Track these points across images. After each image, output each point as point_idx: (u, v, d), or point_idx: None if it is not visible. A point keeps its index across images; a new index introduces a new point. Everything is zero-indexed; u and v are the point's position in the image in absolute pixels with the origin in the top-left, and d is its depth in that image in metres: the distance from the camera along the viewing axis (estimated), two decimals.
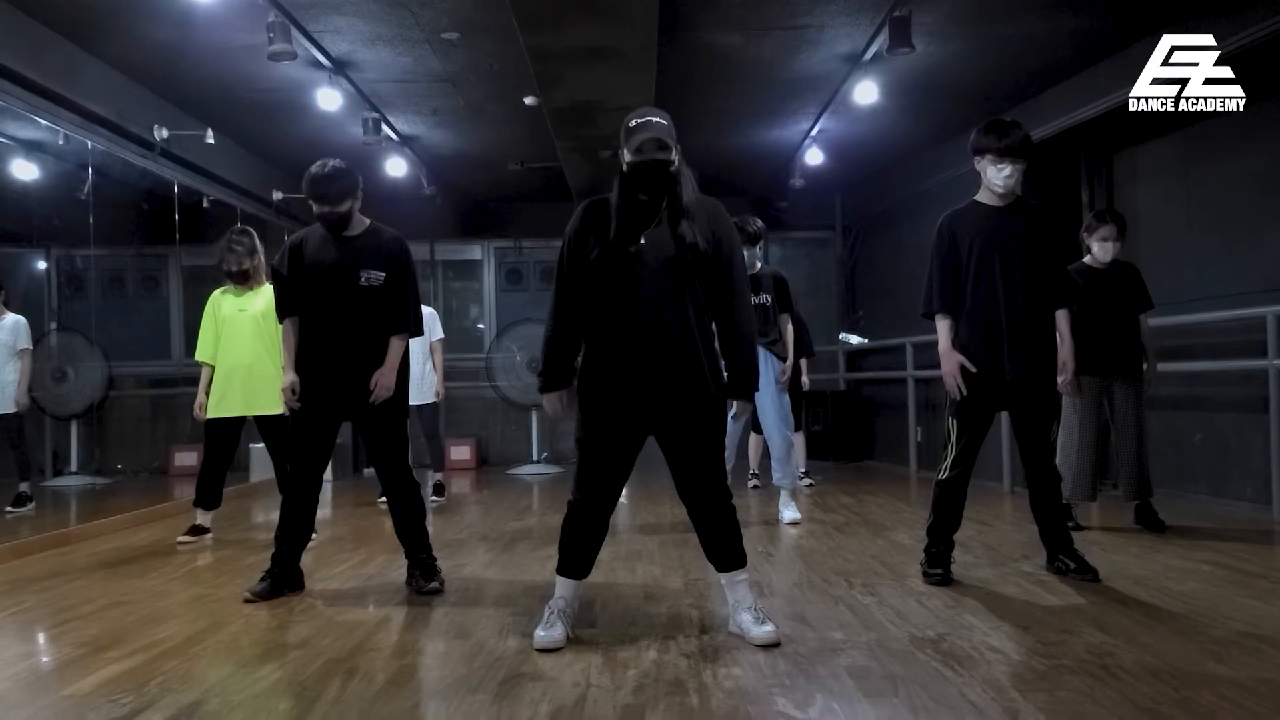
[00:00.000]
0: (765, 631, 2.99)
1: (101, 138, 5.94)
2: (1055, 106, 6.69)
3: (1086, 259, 5.07)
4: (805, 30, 5.64)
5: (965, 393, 3.73)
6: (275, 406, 4.87)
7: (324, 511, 6.35)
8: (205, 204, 7.95)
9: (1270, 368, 5.23)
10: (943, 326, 3.81)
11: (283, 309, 3.90)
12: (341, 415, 3.88)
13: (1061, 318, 3.84)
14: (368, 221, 3.87)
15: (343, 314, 3.77)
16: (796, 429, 6.32)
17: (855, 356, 10.13)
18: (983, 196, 3.82)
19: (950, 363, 3.75)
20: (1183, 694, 2.46)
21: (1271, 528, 5.11)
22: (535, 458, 9.58)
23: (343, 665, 2.87)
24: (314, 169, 3.77)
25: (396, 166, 8.02)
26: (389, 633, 3.29)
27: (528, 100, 6.65)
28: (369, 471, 8.70)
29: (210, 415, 5.14)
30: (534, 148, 8.04)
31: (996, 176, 3.73)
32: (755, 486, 7.11)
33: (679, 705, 2.45)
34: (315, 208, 3.78)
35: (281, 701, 2.60)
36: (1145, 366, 5.02)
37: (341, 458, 8.87)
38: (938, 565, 3.85)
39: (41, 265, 9.13)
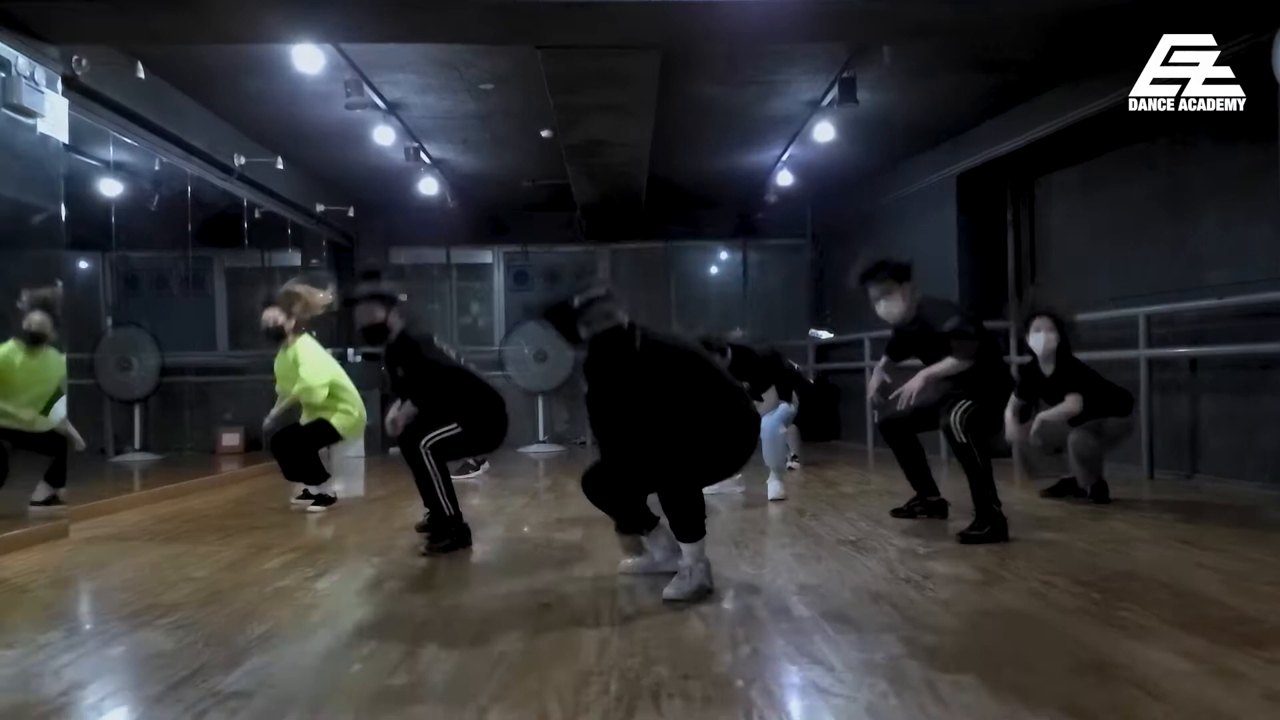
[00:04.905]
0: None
1: (195, 164, 7.21)
2: (984, 140, 8.03)
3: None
4: (773, 83, 6.96)
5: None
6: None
7: (356, 483, 7.63)
8: (257, 215, 9.17)
9: (1140, 357, 6.57)
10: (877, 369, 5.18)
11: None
12: None
13: (935, 367, 4.62)
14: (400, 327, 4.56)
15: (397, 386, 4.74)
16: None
17: (823, 349, 11.46)
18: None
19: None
20: (1000, 557, 3.83)
21: (1143, 482, 6.45)
22: (540, 438, 10.90)
23: (441, 556, 4.20)
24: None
25: (429, 186, 9.26)
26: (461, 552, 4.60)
27: (544, 133, 7.93)
28: (395, 451, 9.92)
29: None
30: (545, 168, 9.30)
31: (875, 306, 4.67)
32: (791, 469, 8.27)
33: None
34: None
35: (411, 569, 3.91)
36: None
37: (371, 439, 10.07)
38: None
39: (86, 266, 10.23)
